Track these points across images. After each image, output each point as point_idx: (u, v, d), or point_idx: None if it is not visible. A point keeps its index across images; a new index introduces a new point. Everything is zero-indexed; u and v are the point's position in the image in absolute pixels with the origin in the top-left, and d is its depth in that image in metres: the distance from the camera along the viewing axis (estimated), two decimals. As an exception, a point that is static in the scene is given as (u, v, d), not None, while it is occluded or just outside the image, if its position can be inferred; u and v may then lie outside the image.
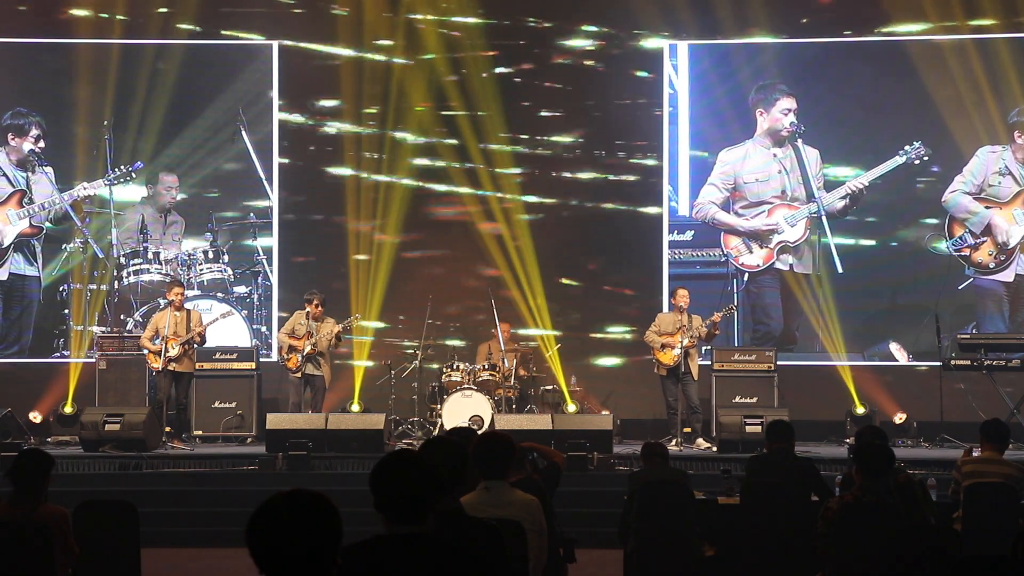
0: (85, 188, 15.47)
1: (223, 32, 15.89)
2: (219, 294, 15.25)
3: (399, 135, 15.67)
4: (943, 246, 15.02)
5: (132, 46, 15.70)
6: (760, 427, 12.28)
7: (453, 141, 15.60)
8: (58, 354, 15.42)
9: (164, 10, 15.76)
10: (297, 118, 15.89)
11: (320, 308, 13.67)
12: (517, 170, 15.65)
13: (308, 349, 13.50)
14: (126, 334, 14.39)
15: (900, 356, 15.01)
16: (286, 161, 15.79)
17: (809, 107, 15.29)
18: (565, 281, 15.71)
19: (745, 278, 15.00)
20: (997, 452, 8.30)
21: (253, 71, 15.80)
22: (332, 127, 15.87)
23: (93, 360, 14.45)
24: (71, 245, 15.62)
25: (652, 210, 15.59)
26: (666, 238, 15.43)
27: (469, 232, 15.56)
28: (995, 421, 8.69)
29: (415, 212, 15.67)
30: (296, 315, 13.87)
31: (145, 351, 13.61)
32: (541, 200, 15.75)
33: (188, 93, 15.68)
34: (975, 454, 8.49)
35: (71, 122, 15.78)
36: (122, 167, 15.42)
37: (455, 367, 13.95)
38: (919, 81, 15.03)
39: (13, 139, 15.64)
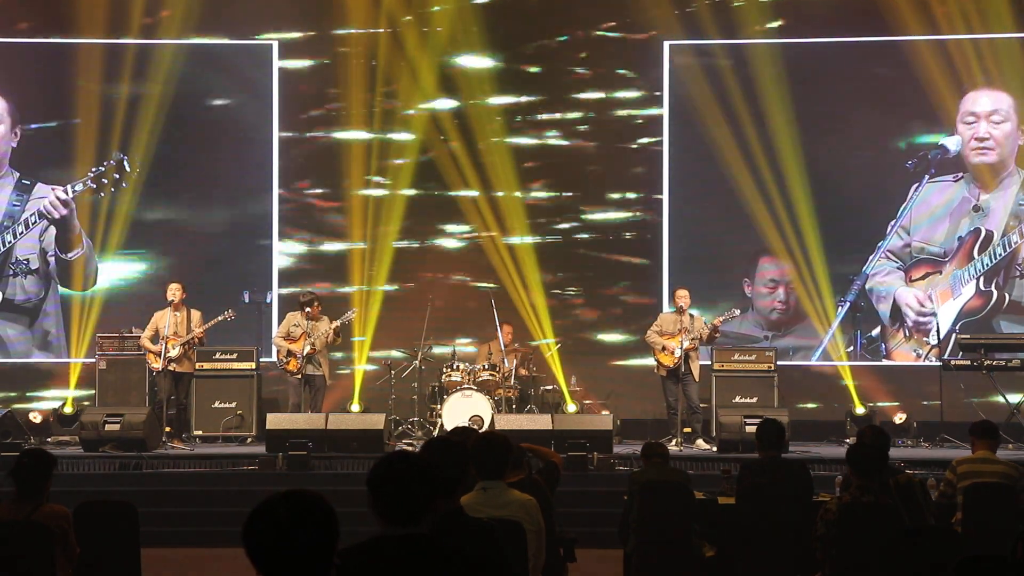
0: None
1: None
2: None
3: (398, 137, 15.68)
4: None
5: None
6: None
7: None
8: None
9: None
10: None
11: (317, 307, 13.60)
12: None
13: (307, 350, 13.46)
14: (126, 334, 14.37)
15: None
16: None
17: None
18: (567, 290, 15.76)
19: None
20: (990, 450, 8.27)
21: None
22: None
23: (93, 360, 14.46)
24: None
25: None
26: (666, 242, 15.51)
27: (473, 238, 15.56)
28: (983, 422, 8.66)
29: (415, 213, 15.70)
30: (289, 317, 13.76)
31: (145, 351, 13.61)
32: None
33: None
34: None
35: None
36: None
37: (455, 367, 13.94)
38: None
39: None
